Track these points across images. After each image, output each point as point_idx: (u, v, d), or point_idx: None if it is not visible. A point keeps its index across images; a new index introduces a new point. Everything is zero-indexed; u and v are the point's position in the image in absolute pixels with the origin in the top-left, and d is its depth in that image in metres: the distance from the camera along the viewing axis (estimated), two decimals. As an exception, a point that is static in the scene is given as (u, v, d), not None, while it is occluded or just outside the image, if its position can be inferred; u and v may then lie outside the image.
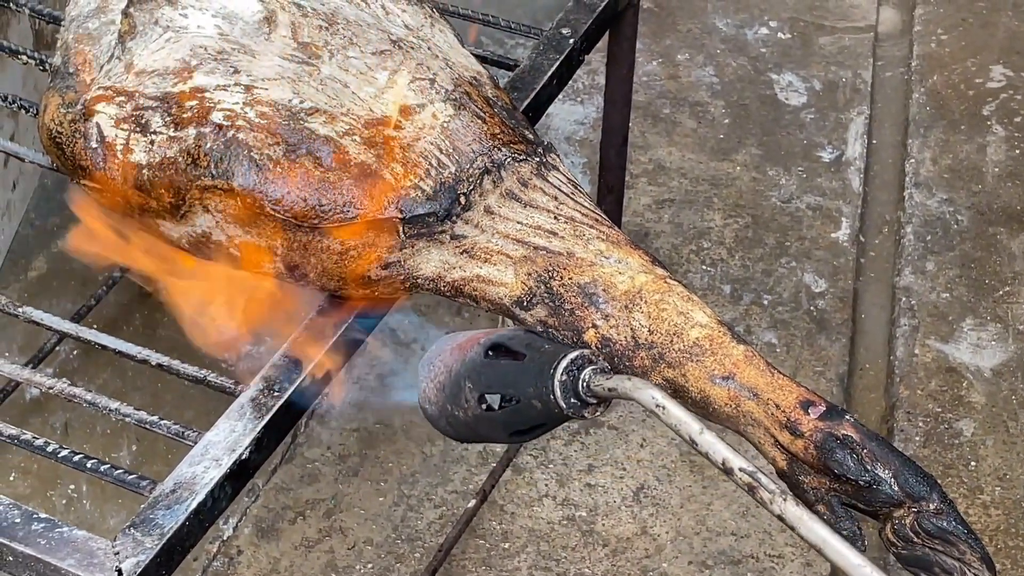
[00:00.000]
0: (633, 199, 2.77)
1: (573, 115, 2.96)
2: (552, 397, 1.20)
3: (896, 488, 1.35)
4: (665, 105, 3.01)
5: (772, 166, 2.88)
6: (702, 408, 1.38)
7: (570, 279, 1.45)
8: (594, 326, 1.43)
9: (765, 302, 2.59)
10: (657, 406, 1.17)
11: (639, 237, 2.68)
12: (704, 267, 2.66)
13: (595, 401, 1.20)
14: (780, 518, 1.13)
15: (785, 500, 1.13)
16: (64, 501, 2.26)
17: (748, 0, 3.29)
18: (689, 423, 1.17)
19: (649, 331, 1.40)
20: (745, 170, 2.86)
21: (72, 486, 2.27)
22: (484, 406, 1.24)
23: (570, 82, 2.13)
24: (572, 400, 1.20)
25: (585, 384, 1.20)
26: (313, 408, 2.35)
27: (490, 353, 1.25)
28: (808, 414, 1.36)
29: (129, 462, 2.30)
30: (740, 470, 1.14)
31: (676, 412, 1.17)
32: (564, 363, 1.20)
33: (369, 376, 2.44)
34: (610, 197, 2.35)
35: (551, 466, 2.31)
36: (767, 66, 3.11)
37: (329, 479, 2.29)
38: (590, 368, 1.20)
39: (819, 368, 2.47)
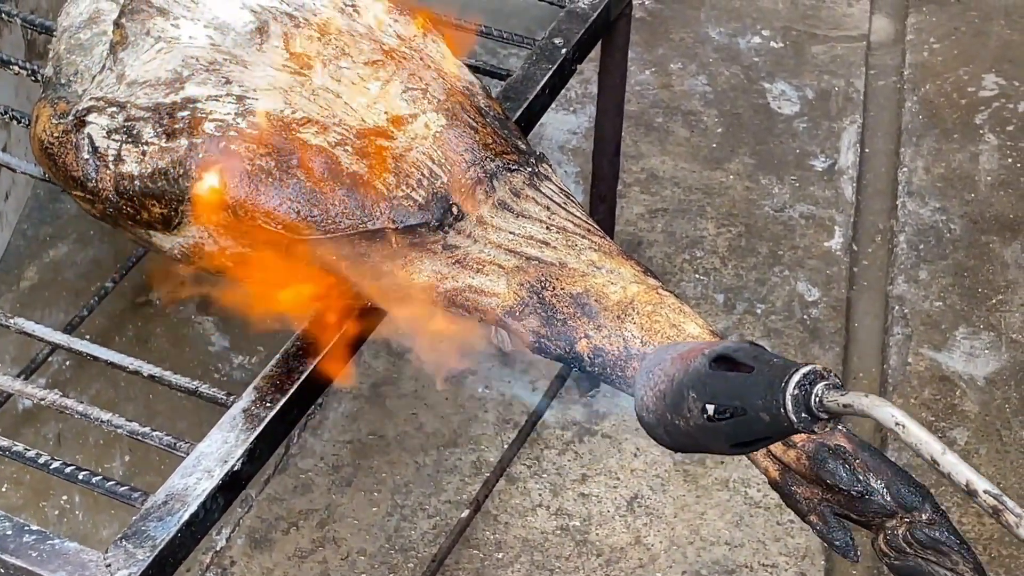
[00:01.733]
0: (626, 208, 2.77)
1: (566, 124, 2.96)
2: (783, 411, 1.18)
3: (888, 498, 1.35)
4: (658, 114, 3.01)
5: (765, 175, 2.88)
6: (695, 418, 1.37)
7: (562, 289, 1.45)
8: (586, 336, 1.43)
9: (758, 311, 2.60)
10: (897, 424, 1.15)
11: (632, 246, 2.68)
12: (697, 276, 2.66)
13: (826, 417, 1.19)
14: None
15: None
16: (57, 512, 2.25)
17: (741, 9, 3.29)
18: (930, 443, 1.15)
19: (642, 342, 1.40)
20: (738, 179, 2.86)
21: (65, 497, 2.26)
22: (705, 416, 1.23)
23: (563, 91, 2.14)
24: (803, 415, 1.19)
25: (818, 399, 1.19)
26: (306, 419, 2.35)
27: (714, 364, 1.24)
28: (801, 424, 1.36)
29: (122, 472, 2.30)
30: (985, 492, 1.12)
31: (917, 432, 1.15)
32: (796, 377, 1.18)
33: (363, 385, 2.44)
34: (603, 206, 2.35)
35: (545, 476, 2.31)
36: (760, 75, 3.12)
37: (322, 489, 2.28)
38: (822, 383, 1.18)
39: (812, 377, 2.47)
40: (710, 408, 1.23)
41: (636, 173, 2.86)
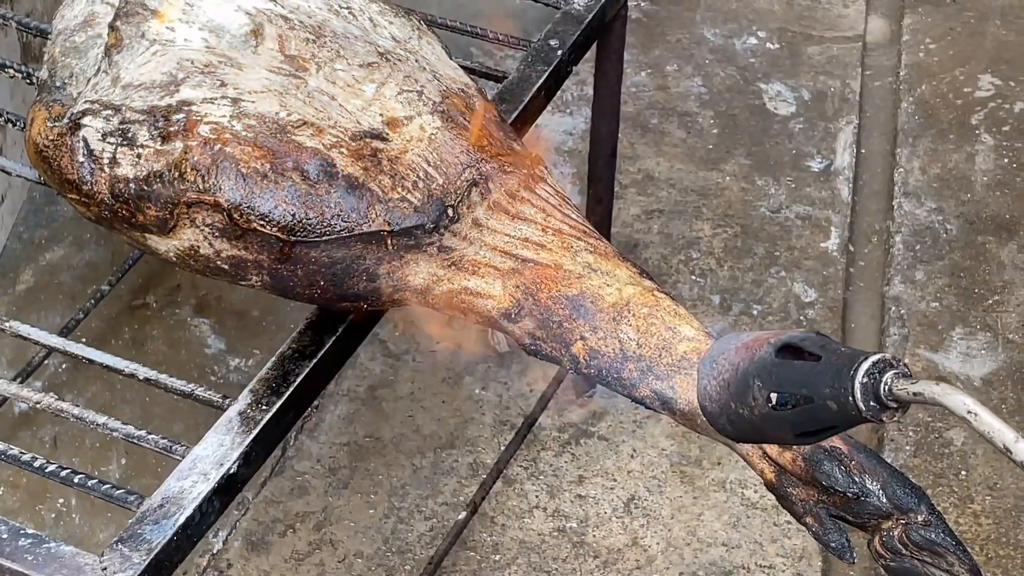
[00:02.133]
0: (622, 210, 2.77)
1: (562, 126, 2.96)
2: (851, 400, 1.17)
3: (884, 500, 1.35)
4: (654, 115, 3.01)
5: (761, 176, 2.88)
6: (691, 421, 1.37)
7: (558, 291, 1.45)
8: (582, 338, 1.43)
9: (754, 312, 2.60)
10: (969, 412, 1.14)
11: (628, 248, 2.68)
12: (693, 277, 2.65)
13: (895, 406, 1.18)
14: None
15: None
16: (53, 515, 2.25)
17: (737, 10, 3.29)
18: (1003, 431, 1.13)
19: (637, 344, 1.40)
20: (734, 180, 2.86)
21: (61, 500, 2.26)
22: (770, 405, 1.23)
23: (559, 93, 2.14)
24: (872, 403, 1.18)
25: (887, 388, 1.18)
26: (302, 421, 2.35)
27: (780, 353, 1.23)
28: (797, 426, 1.36)
29: (118, 475, 2.29)
30: None
31: (989, 420, 1.14)
32: (866, 365, 1.18)
33: (359, 388, 2.43)
34: (599, 208, 2.35)
35: (542, 477, 2.31)
36: (756, 76, 3.12)
37: (319, 492, 2.28)
38: (892, 372, 1.18)
39: (809, 378, 2.47)
40: (774, 397, 1.22)
41: (632, 174, 2.86)
